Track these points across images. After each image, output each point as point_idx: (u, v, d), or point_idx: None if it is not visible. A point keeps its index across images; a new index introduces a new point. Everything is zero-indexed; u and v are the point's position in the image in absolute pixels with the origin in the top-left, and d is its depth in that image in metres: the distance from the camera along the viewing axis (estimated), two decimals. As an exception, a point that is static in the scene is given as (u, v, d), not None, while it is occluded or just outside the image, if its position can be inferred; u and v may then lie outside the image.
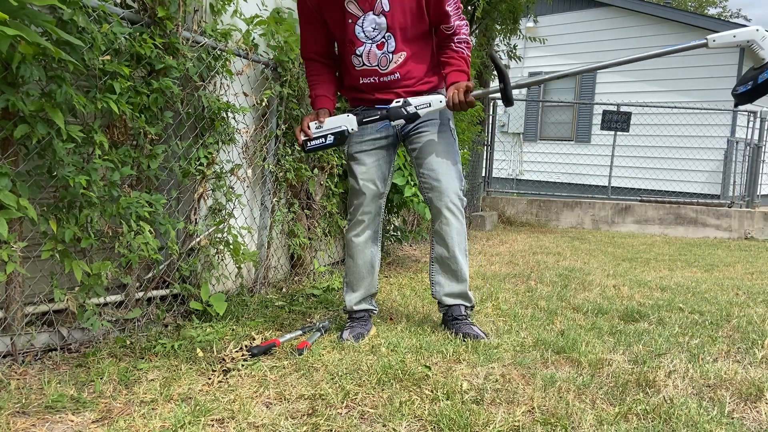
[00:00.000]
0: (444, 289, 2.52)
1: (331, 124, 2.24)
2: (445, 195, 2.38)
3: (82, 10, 1.92)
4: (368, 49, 2.30)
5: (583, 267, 4.46)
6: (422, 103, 2.25)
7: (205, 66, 2.59)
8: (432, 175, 2.40)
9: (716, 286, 3.77)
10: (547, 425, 1.61)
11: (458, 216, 2.43)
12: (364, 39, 2.29)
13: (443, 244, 2.46)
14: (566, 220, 8.04)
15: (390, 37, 2.28)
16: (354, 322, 2.48)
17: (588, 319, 2.79)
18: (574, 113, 10.58)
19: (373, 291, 2.54)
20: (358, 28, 2.28)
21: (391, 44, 2.29)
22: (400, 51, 2.30)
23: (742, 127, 8.47)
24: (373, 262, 2.51)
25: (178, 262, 2.58)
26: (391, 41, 2.29)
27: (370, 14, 2.25)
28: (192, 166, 2.56)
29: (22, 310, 2.04)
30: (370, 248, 2.49)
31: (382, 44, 2.29)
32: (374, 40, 2.29)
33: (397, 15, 2.25)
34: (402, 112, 2.24)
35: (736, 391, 1.88)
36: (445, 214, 2.41)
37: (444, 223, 2.43)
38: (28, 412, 1.65)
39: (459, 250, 2.47)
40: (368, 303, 2.54)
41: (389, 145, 2.48)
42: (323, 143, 2.21)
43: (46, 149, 1.91)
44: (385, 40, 2.28)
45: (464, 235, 2.49)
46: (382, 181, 2.46)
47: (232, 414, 1.65)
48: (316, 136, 2.23)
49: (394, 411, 1.68)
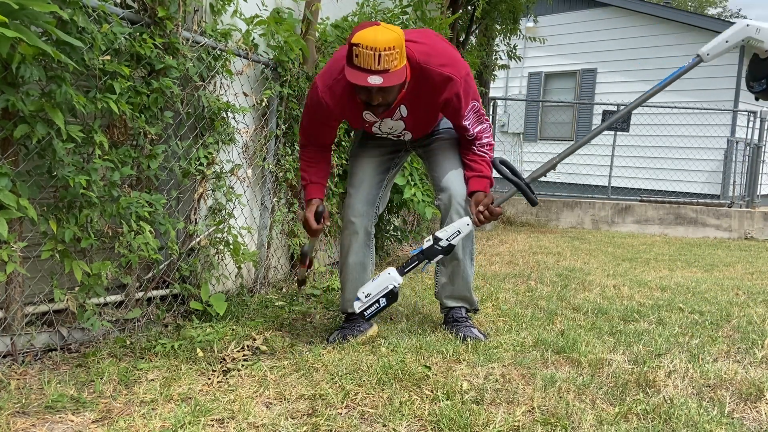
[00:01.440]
0: (446, 291, 2.52)
1: (377, 287, 2.20)
2: (454, 196, 2.38)
3: (82, 10, 1.92)
4: (385, 135, 2.41)
5: (583, 267, 4.46)
6: (452, 234, 2.25)
7: (205, 66, 2.59)
8: (443, 179, 2.40)
9: (716, 286, 3.77)
10: (547, 425, 1.61)
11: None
12: (381, 132, 2.39)
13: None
14: (566, 220, 8.04)
15: (407, 133, 2.38)
16: (347, 323, 2.47)
17: (588, 319, 2.79)
18: (574, 113, 10.57)
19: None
20: (375, 128, 2.36)
21: (408, 135, 2.40)
22: (416, 136, 2.43)
23: (742, 127, 8.47)
24: (365, 263, 2.49)
25: (178, 262, 2.58)
26: (408, 135, 2.40)
27: (387, 119, 2.28)
28: (192, 166, 2.56)
29: (22, 310, 2.04)
30: (361, 249, 2.47)
31: (398, 135, 2.40)
32: (391, 134, 2.39)
33: (416, 119, 2.29)
34: (437, 249, 2.26)
35: (736, 391, 1.89)
36: (453, 218, 2.40)
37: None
38: (28, 412, 1.65)
39: (465, 254, 2.47)
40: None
41: (396, 149, 2.52)
42: (379, 307, 2.21)
43: (46, 149, 1.91)
44: (402, 134, 2.39)
45: (471, 239, 2.49)
46: (378, 183, 2.48)
47: (232, 414, 1.65)
48: (370, 304, 2.21)
49: (394, 411, 1.68)
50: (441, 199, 2.42)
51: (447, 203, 2.39)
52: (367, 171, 2.47)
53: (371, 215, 2.46)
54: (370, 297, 2.18)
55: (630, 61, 9.77)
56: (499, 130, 10.63)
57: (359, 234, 2.44)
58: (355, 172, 2.48)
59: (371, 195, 2.45)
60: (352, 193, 2.45)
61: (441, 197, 2.41)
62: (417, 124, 2.32)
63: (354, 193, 2.44)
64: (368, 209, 2.44)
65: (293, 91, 3.15)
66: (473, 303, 2.54)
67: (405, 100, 2.18)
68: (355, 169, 2.48)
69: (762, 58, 2.09)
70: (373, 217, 2.49)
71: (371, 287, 2.19)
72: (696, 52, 2.09)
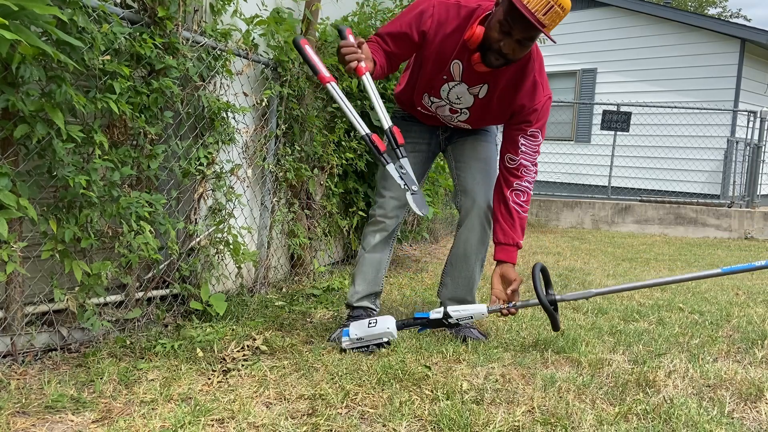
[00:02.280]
0: (450, 292, 2.52)
1: (372, 335, 2.18)
2: (477, 203, 2.38)
3: (82, 10, 1.92)
4: (442, 104, 2.31)
5: (583, 267, 4.46)
6: (464, 316, 2.26)
7: (205, 66, 2.59)
8: (468, 180, 2.40)
9: (716, 286, 3.77)
10: (547, 425, 1.61)
11: (486, 227, 2.42)
12: (444, 98, 2.28)
13: (462, 249, 2.46)
14: (566, 219, 8.04)
15: (466, 112, 2.30)
16: (349, 320, 2.48)
17: (588, 319, 2.79)
18: (574, 113, 10.57)
19: (376, 290, 2.55)
20: (445, 87, 2.25)
21: (463, 116, 2.32)
22: (466, 123, 2.36)
23: (742, 127, 8.47)
24: (381, 261, 2.53)
25: (178, 262, 2.58)
26: (464, 115, 2.32)
27: (465, 86, 2.22)
28: (192, 166, 2.56)
29: (22, 310, 2.04)
30: (382, 247, 2.53)
31: (455, 110, 2.31)
32: (452, 104, 2.29)
33: (485, 105, 2.26)
34: (443, 323, 2.28)
35: (736, 391, 1.88)
36: (473, 221, 2.41)
37: (470, 229, 2.42)
38: (28, 412, 1.65)
39: (476, 259, 2.46)
40: (370, 301, 2.54)
41: (429, 151, 2.52)
42: (367, 351, 2.20)
43: (46, 149, 1.91)
44: (460, 111, 2.31)
45: (486, 246, 2.47)
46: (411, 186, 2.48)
47: (232, 414, 1.65)
48: (358, 347, 2.20)
49: (394, 411, 1.68)
50: (463, 202, 2.41)
51: (468, 209, 2.39)
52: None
53: (400, 217, 2.51)
54: (362, 341, 2.19)
55: (630, 61, 9.77)
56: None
57: (386, 233, 2.50)
58: (388, 176, 2.42)
59: (404, 198, 2.43)
60: (386, 195, 2.46)
61: (463, 201, 2.41)
62: (482, 112, 2.28)
63: (387, 195, 2.46)
64: (398, 212, 2.49)
65: (293, 91, 3.15)
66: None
67: (494, 78, 2.16)
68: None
69: None
70: (401, 219, 2.53)
71: (365, 332, 2.18)
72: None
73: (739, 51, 8.70)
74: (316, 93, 3.41)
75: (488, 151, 2.45)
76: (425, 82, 2.28)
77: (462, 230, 2.45)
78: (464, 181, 2.41)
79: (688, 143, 8.96)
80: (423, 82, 2.30)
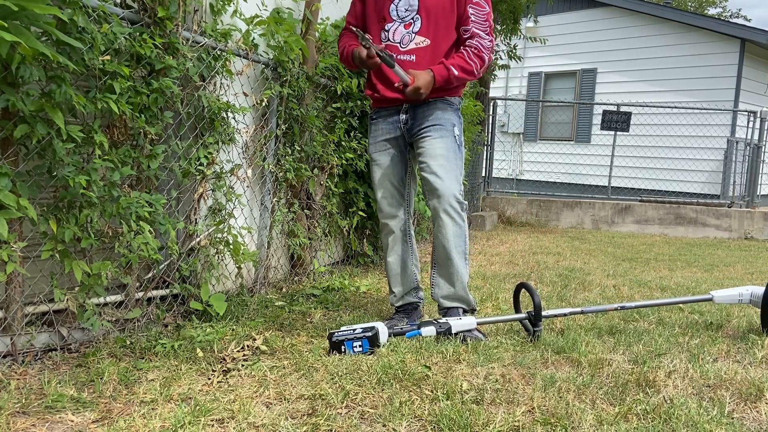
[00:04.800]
0: (442, 292, 2.54)
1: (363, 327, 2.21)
2: (444, 198, 2.41)
3: (82, 11, 1.92)
4: (396, 27, 2.48)
5: (583, 267, 4.47)
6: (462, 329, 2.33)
7: (205, 66, 2.59)
8: (431, 178, 2.43)
9: (716, 286, 3.76)
10: (547, 425, 1.61)
11: (456, 219, 2.45)
12: (395, 17, 2.50)
13: (441, 247, 2.49)
14: (566, 220, 8.04)
15: (417, 18, 2.46)
16: (396, 314, 2.65)
17: (588, 319, 2.79)
18: (574, 113, 10.58)
19: (413, 285, 2.67)
20: (392, 6, 2.49)
21: (416, 25, 2.47)
22: (422, 35, 2.46)
23: (742, 127, 8.47)
24: (404, 258, 2.64)
25: (178, 262, 2.58)
26: (417, 23, 2.46)
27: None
28: (192, 166, 2.56)
29: (22, 310, 2.04)
30: (399, 247, 2.62)
31: (409, 24, 2.48)
32: (403, 19, 2.47)
33: (430, 1, 2.43)
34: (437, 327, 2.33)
35: (736, 391, 1.88)
36: (442, 218, 2.44)
37: (441, 226, 2.45)
38: (28, 412, 1.65)
39: (457, 254, 2.48)
40: (412, 296, 2.68)
41: (399, 145, 2.58)
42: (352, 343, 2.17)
43: (46, 149, 1.91)
44: (412, 20, 2.46)
45: (464, 238, 2.49)
46: (399, 181, 2.58)
47: (232, 414, 1.65)
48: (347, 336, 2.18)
49: (394, 411, 1.68)
50: (431, 202, 2.48)
51: (436, 206, 2.45)
52: (387, 172, 2.57)
53: (402, 214, 2.61)
54: (355, 332, 2.19)
55: (630, 61, 9.78)
56: (499, 130, 10.63)
57: (395, 233, 2.62)
58: (374, 177, 2.61)
59: (396, 195, 2.59)
60: (377, 196, 2.61)
61: (431, 200, 2.47)
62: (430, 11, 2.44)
63: (379, 196, 2.60)
64: (396, 210, 2.59)
65: (293, 91, 3.15)
66: (470, 303, 2.54)
67: None
68: (374, 174, 2.61)
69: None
70: (405, 216, 2.62)
71: (358, 326, 2.25)
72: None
73: (739, 51, 8.71)
74: (316, 93, 3.41)
75: (445, 146, 2.46)
76: (377, 16, 2.53)
77: (435, 228, 2.50)
78: (427, 182, 2.46)
79: (688, 143, 8.96)
80: (376, 22, 2.54)
